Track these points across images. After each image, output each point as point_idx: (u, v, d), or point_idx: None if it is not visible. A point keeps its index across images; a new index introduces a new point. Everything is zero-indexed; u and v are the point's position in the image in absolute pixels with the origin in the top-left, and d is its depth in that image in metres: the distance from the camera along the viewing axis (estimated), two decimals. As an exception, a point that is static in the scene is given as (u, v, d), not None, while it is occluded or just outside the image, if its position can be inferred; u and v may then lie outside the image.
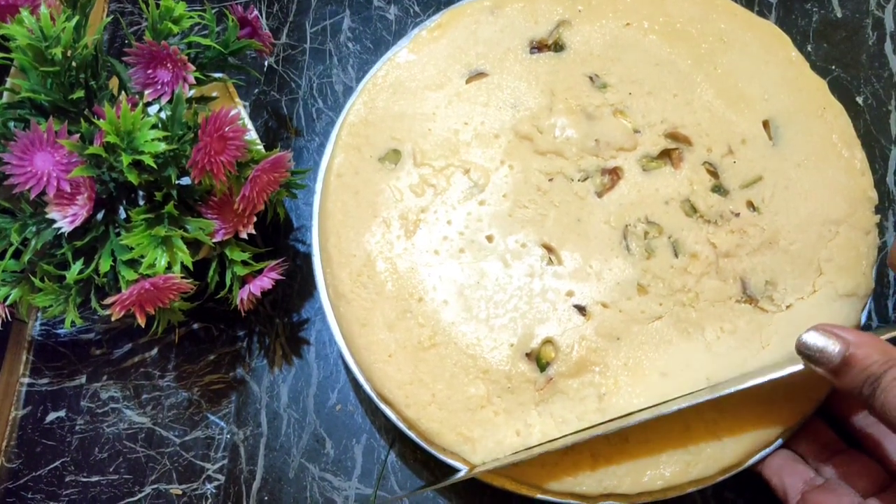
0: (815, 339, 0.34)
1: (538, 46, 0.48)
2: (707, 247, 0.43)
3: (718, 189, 0.44)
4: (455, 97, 0.47)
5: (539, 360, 0.42)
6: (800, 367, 0.37)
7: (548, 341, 0.42)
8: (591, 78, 0.47)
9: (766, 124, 0.46)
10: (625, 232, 0.44)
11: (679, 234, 0.43)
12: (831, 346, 0.34)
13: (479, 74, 0.48)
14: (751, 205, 0.44)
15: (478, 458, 0.40)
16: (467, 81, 0.47)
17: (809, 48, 0.56)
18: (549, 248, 0.44)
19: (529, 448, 0.40)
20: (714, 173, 0.45)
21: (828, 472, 0.39)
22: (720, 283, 0.42)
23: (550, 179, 0.45)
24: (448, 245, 0.44)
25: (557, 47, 0.48)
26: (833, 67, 0.55)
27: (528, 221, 0.44)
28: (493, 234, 0.44)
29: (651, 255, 0.43)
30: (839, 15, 0.57)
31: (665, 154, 0.45)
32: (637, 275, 0.43)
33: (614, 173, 0.45)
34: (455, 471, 0.41)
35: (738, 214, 0.44)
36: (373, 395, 0.43)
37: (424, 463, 0.46)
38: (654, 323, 0.42)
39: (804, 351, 0.35)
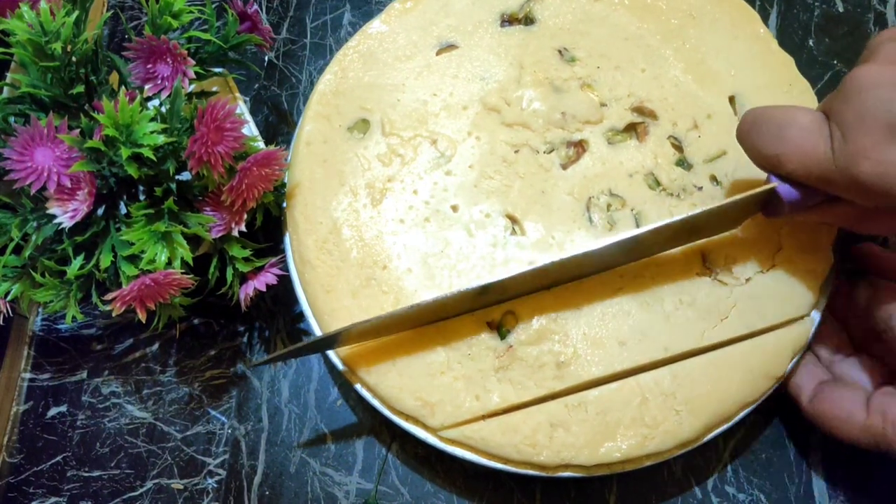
0: None
1: (509, 20, 0.48)
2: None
3: (682, 163, 0.45)
4: (425, 69, 0.47)
5: (500, 329, 0.42)
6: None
7: (509, 310, 0.42)
8: (560, 51, 0.47)
9: (731, 100, 0.46)
10: (588, 204, 0.44)
11: (642, 206, 0.44)
12: None
13: (450, 46, 0.48)
14: (714, 179, 0.44)
15: (436, 421, 0.41)
16: (438, 53, 0.48)
17: (811, 42, 0.56)
18: (512, 219, 0.44)
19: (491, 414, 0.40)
20: (679, 147, 0.45)
21: (837, 371, 0.42)
22: (680, 256, 0.43)
23: (516, 151, 0.45)
24: (413, 214, 0.44)
25: (528, 21, 0.48)
26: (835, 62, 0.55)
27: (493, 192, 0.44)
28: (458, 204, 0.44)
29: (613, 226, 0.43)
30: (841, 10, 0.57)
31: (631, 128, 0.46)
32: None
33: (579, 146, 0.45)
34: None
35: (700, 188, 0.44)
36: (336, 360, 0.43)
37: (425, 458, 0.46)
38: (615, 294, 0.42)
39: None
